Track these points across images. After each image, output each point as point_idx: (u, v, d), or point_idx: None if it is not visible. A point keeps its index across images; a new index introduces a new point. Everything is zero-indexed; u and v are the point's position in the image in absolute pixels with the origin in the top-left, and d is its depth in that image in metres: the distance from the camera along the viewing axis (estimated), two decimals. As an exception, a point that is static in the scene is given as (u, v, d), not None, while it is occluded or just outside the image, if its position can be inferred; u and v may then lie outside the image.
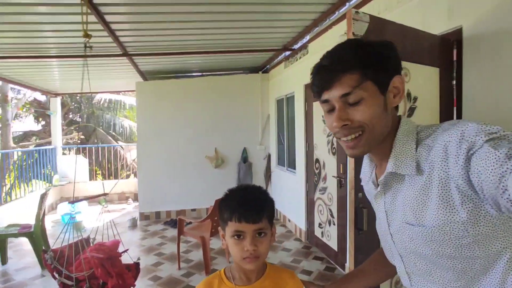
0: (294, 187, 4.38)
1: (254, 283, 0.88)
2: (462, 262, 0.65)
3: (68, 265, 1.94)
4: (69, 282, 1.85)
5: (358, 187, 1.32)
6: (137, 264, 2.24)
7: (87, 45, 2.28)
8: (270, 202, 0.89)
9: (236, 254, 0.83)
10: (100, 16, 2.64)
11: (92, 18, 2.56)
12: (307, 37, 3.77)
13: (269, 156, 5.47)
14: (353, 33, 1.27)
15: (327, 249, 3.50)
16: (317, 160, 3.65)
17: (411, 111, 1.55)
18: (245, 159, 5.42)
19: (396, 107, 0.73)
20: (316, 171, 3.70)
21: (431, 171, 0.63)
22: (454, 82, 1.80)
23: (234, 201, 0.86)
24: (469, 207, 0.59)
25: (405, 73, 1.50)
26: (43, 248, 3.21)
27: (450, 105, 1.79)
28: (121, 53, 3.78)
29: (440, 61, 1.69)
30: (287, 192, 4.70)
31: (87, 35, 2.24)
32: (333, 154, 3.24)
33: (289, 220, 4.63)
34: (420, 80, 1.58)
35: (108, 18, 2.77)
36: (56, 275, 1.92)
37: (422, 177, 0.66)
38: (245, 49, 4.19)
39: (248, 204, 0.83)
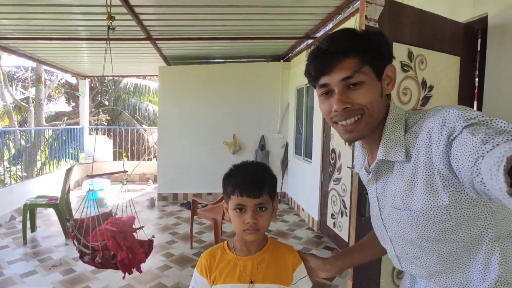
0: (309, 177, 4.38)
1: (254, 254, 0.93)
2: (446, 245, 0.67)
3: (87, 234, 2.07)
4: (86, 251, 1.98)
5: (363, 173, 1.31)
6: (150, 241, 2.31)
7: (110, 27, 2.36)
8: (272, 179, 0.93)
9: (237, 226, 0.88)
10: (125, -1, 2.72)
11: (116, 1, 2.64)
12: (330, 25, 3.69)
13: (286, 145, 5.47)
14: (366, 17, 1.25)
15: (338, 239, 3.50)
16: (333, 150, 3.62)
17: (426, 100, 1.51)
18: (262, 146, 5.45)
19: (388, 96, 0.76)
20: (332, 162, 3.67)
21: (417, 157, 0.65)
22: (477, 73, 1.72)
23: (238, 176, 0.89)
24: (451, 191, 0.61)
25: (421, 60, 1.46)
26: (67, 217, 3.42)
27: (470, 97, 1.72)
28: (144, 37, 3.88)
29: (461, 49, 1.62)
30: (302, 182, 4.70)
31: (110, 17, 2.32)
32: (349, 145, 3.20)
33: (302, 210, 4.64)
34: (438, 68, 1.53)
35: (132, 1, 2.84)
36: (76, 243, 2.06)
37: (409, 163, 0.67)
38: (267, 36, 4.17)
39: (250, 180, 0.87)
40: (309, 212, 4.37)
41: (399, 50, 1.38)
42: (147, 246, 2.20)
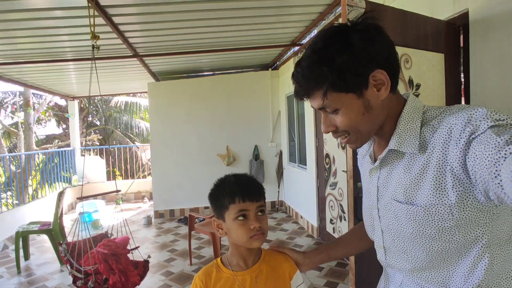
0: (305, 183, 4.35)
1: (251, 267, 0.90)
2: (439, 244, 0.65)
3: (79, 258, 2.01)
4: (79, 275, 1.92)
5: (357, 177, 1.30)
6: (146, 262, 2.25)
7: (95, 46, 2.34)
8: (262, 186, 0.93)
9: (242, 235, 0.84)
10: (108, 18, 2.71)
11: (100, 20, 2.64)
12: (315, 31, 3.73)
13: (280, 153, 5.46)
14: (348, 20, 1.25)
15: (339, 245, 3.45)
16: (327, 155, 3.61)
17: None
18: (256, 156, 5.43)
19: (395, 87, 0.70)
20: (327, 166, 3.66)
21: (432, 152, 0.63)
22: (462, 68, 1.74)
23: (232, 185, 0.88)
24: (459, 191, 0.59)
25: (406, 60, 1.46)
26: (59, 241, 3.33)
27: (457, 93, 1.73)
28: (131, 54, 3.87)
29: (445, 46, 1.64)
30: (299, 189, 4.67)
31: (94, 36, 2.31)
32: (342, 148, 3.20)
33: (301, 217, 4.60)
34: (424, 67, 1.54)
35: (116, 19, 2.84)
36: (69, 267, 2.00)
37: (422, 156, 0.65)
38: (254, 46, 4.20)
39: (247, 184, 0.88)
40: (308, 219, 4.33)
41: (384, 51, 1.39)
42: (142, 268, 2.13)
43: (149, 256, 2.39)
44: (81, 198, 2.27)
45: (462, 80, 1.77)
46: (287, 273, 0.92)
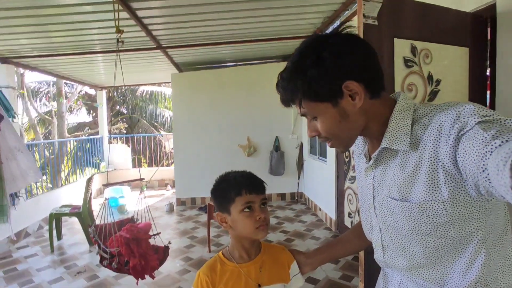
0: (325, 176, 4.34)
1: (254, 258, 0.93)
2: (435, 240, 0.67)
3: (106, 240, 2.15)
4: (105, 255, 2.06)
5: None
6: (166, 248, 2.33)
7: (119, 40, 2.44)
8: (261, 178, 0.96)
9: (248, 227, 0.88)
10: (132, 12, 2.80)
11: (125, 14, 2.73)
12: (338, 22, 3.65)
13: (301, 145, 5.45)
14: (364, 15, 1.24)
15: (356, 238, 3.44)
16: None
17: (433, 94, 1.47)
18: (277, 147, 5.45)
19: (376, 92, 0.71)
20: (346, 160, 3.62)
21: (424, 149, 0.64)
22: (488, 63, 1.66)
23: (238, 179, 0.92)
24: (451, 187, 0.61)
25: (425, 55, 1.42)
26: (89, 223, 3.55)
27: (483, 89, 1.66)
28: (155, 46, 3.97)
29: (470, 40, 1.57)
30: (319, 181, 4.66)
31: (119, 31, 2.40)
32: (362, 142, 3.15)
33: (320, 209, 4.61)
34: (445, 61, 1.49)
35: (139, 13, 2.92)
36: (97, 247, 2.15)
37: (415, 154, 0.66)
38: (276, 37, 4.17)
39: (251, 178, 0.92)
40: (326, 212, 4.33)
41: (401, 46, 1.36)
42: (162, 253, 2.23)
43: (169, 242, 2.50)
44: (106, 185, 2.41)
45: (488, 75, 1.69)
46: (285, 262, 0.96)
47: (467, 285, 0.65)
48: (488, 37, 1.65)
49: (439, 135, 0.61)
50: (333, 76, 0.67)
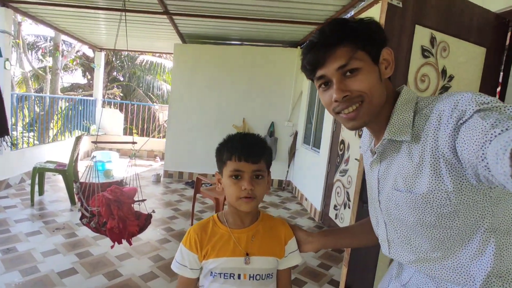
0: (315, 167, 4.33)
1: (248, 226, 0.90)
2: (441, 231, 0.66)
3: (89, 199, 2.10)
4: (86, 214, 2.02)
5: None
6: (148, 215, 2.27)
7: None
8: (268, 149, 0.91)
9: (232, 194, 0.84)
10: (144, -33, 2.66)
11: (136, -32, 2.59)
12: (352, 12, 3.57)
13: (295, 134, 5.42)
14: (389, 3, 1.18)
15: (338, 231, 3.47)
16: (342, 142, 3.56)
17: (444, 89, 1.44)
18: (271, 133, 5.41)
19: (390, 79, 0.74)
20: (340, 153, 3.61)
21: (426, 140, 0.64)
22: (502, 67, 1.63)
23: (235, 142, 0.87)
24: (453, 176, 0.60)
25: (443, 48, 1.38)
26: (74, 179, 3.49)
27: (492, 92, 1.63)
28: (162, 11, 3.83)
29: (489, 41, 1.53)
30: (308, 171, 4.66)
31: (127, -16, 2.28)
32: (359, 136, 3.13)
33: (306, 199, 4.62)
34: (461, 58, 1.46)
35: (151, -30, 2.79)
36: (79, 205, 2.10)
37: (418, 145, 0.66)
38: (286, 19, 4.07)
39: (248, 145, 0.86)
40: (312, 202, 4.35)
41: (421, 34, 1.31)
42: (143, 220, 2.17)
43: (153, 211, 2.46)
44: (95, 142, 2.34)
45: (500, 80, 1.67)
46: (282, 236, 0.92)
47: (478, 279, 0.63)
48: (507, 41, 1.62)
49: (438, 124, 0.61)
50: (382, 36, 0.70)
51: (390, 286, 0.83)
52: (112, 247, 2.13)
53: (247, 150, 0.84)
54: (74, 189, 2.10)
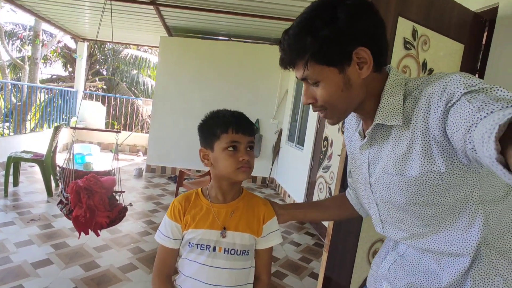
0: (299, 164, 4.37)
1: (229, 202, 0.92)
2: (432, 208, 0.67)
3: (67, 184, 2.03)
4: (63, 199, 1.95)
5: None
6: (124, 208, 2.19)
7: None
8: (254, 124, 0.94)
9: (230, 166, 0.85)
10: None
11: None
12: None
13: (280, 131, 5.45)
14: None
15: (320, 227, 3.52)
16: (326, 138, 3.61)
17: (424, 82, 1.48)
18: (256, 130, 5.42)
19: (380, 67, 0.70)
20: (323, 149, 3.66)
21: (416, 123, 0.64)
22: (479, 64, 1.70)
23: (227, 117, 0.88)
24: (445, 157, 0.61)
25: (424, 41, 1.43)
26: (51, 173, 3.36)
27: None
28: (148, 1, 3.77)
29: (467, 38, 1.59)
30: (292, 168, 4.70)
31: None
32: (343, 132, 3.19)
33: (288, 195, 4.66)
34: (441, 53, 1.51)
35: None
36: (59, 189, 2.03)
37: (408, 129, 0.66)
38: (273, 15, 4.08)
39: (241, 118, 0.89)
40: (294, 198, 4.38)
41: (404, 26, 1.35)
42: (116, 212, 2.07)
43: (130, 204, 2.39)
44: (74, 128, 2.26)
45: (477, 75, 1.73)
46: (261, 215, 0.93)
47: (470, 248, 0.66)
48: (483, 41, 1.69)
49: (428, 108, 0.61)
50: (347, 39, 0.64)
51: (387, 258, 0.84)
52: (78, 237, 2.04)
53: (243, 122, 0.87)
54: (57, 173, 2.01)
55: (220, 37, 5.61)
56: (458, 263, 0.68)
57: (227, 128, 0.85)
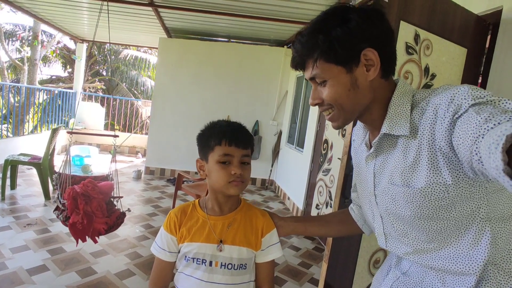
0: (299, 166, 4.34)
1: (226, 214, 0.89)
2: (437, 223, 0.66)
3: (64, 190, 2.00)
4: (60, 205, 1.91)
5: (350, 166, 1.26)
6: (122, 214, 2.14)
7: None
8: (252, 136, 0.92)
9: (221, 179, 0.83)
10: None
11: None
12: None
13: (280, 133, 5.42)
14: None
15: (320, 230, 3.48)
16: (326, 141, 3.58)
17: (426, 87, 1.45)
18: (255, 132, 5.39)
19: (387, 73, 0.71)
20: (323, 152, 3.63)
21: (423, 134, 0.64)
22: (482, 68, 1.67)
23: (223, 128, 0.87)
24: (451, 169, 0.60)
25: (426, 46, 1.39)
26: (49, 176, 3.33)
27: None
28: (146, 2, 3.73)
29: (470, 42, 1.56)
30: (291, 171, 4.66)
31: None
32: (343, 136, 3.15)
33: (288, 198, 4.62)
34: (444, 57, 1.47)
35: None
36: (56, 195, 2.00)
37: (415, 140, 0.65)
38: (273, 17, 4.05)
39: (237, 131, 0.87)
40: (294, 201, 4.35)
41: (406, 30, 1.32)
42: (114, 218, 2.03)
43: (128, 210, 2.35)
44: (71, 133, 2.23)
45: (479, 81, 1.70)
46: (260, 228, 0.91)
47: (476, 267, 0.64)
48: (487, 45, 1.65)
49: (435, 118, 0.61)
50: (357, 38, 0.66)
51: (389, 275, 0.82)
52: (76, 244, 1.98)
53: (237, 135, 0.85)
54: (53, 180, 1.98)
55: (220, 38, 5.58)
56: (463, 282, 0.65)
57: (220, 140, 0.83)
